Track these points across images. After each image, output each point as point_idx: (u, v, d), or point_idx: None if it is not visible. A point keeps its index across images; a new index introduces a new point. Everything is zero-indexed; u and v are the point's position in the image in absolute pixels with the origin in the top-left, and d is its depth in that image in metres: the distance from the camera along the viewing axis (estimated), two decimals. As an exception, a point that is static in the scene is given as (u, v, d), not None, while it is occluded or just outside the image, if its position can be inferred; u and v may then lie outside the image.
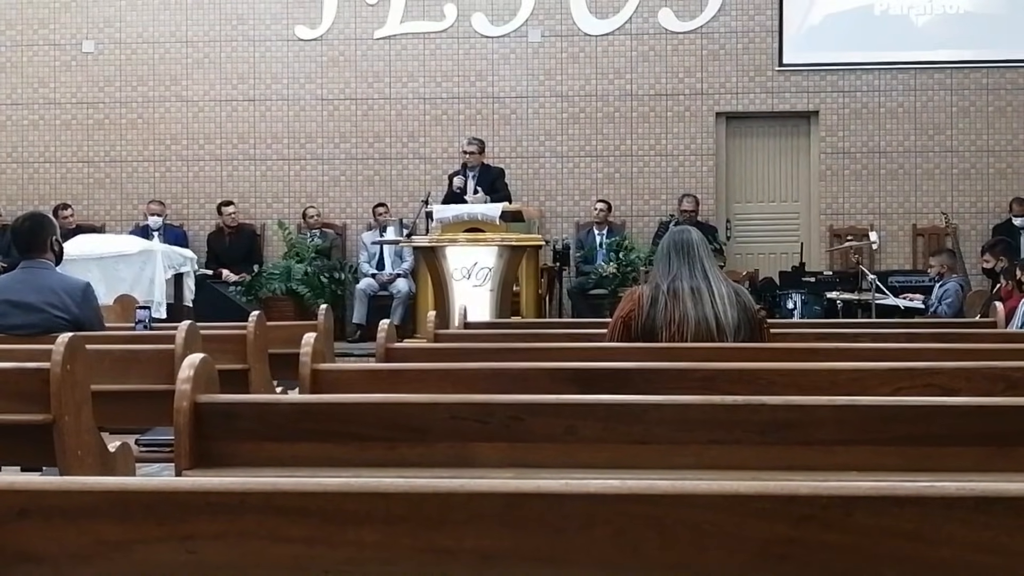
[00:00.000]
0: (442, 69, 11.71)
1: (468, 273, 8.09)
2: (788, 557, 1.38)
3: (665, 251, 3.99)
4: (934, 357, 3.41)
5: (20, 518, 1.44)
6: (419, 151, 11.70)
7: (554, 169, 11.65)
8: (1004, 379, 2.93)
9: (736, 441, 2.26)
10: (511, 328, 5.86)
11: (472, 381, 2.99)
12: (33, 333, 4.54)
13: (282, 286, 10.75)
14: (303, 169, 11.82)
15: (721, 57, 11.54)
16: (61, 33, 11.92)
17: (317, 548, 1.43)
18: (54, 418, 3.03)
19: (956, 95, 11.45)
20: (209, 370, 2.32)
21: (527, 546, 1.41)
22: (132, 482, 1.51)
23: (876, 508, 1.37)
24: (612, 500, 1.41)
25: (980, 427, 2.24)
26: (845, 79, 11.51)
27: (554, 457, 2.27)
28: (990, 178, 11.44)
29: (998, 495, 1.36)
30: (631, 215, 11.58)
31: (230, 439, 2.27)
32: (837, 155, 11.54)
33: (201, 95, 11.84)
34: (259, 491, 1.44)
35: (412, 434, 2.30)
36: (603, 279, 10.65)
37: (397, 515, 1.42)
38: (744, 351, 3.66)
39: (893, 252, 11.48)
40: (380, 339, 3.82)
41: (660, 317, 3.85)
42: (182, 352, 3.83)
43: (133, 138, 11.90)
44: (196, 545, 1.44)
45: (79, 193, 11.89)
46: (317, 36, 11.76)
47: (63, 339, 3.03)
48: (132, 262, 9.57)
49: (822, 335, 4.75)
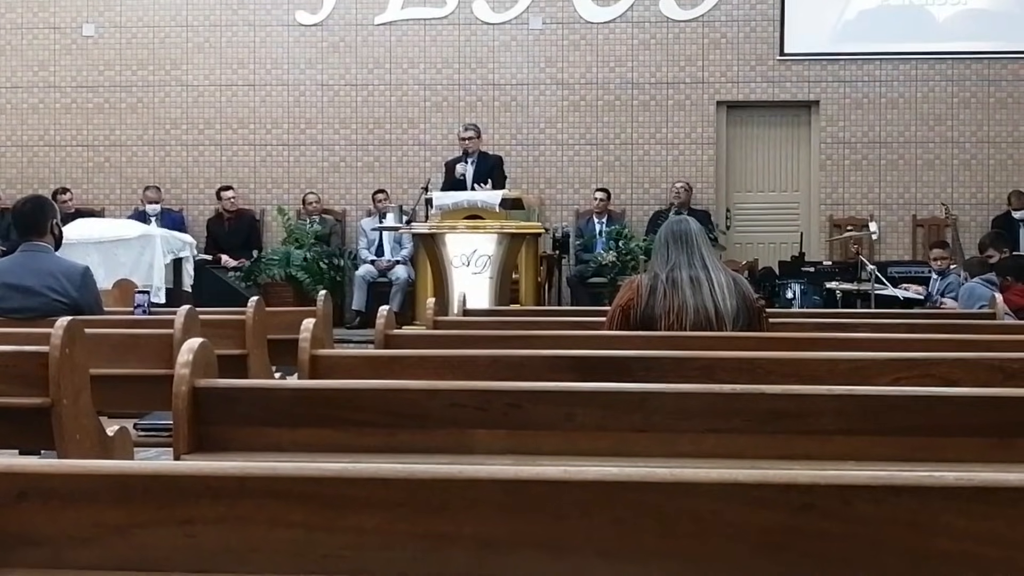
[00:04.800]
0: (443, 56, 11.68)
1: (467, 260, 8.08)
2: (787, 545, 1.38)
3: (664, 240, 3.98)
4: (933, 347, 3.42)
5: (19, 501, 1.45)
6: (419, 137, 11.68)
7: (554, 157, 11.64)
8: (1002, 370, 2.93)
9: (735, 430, 2.26)
10: (510, 316, 5.85)
11: (471, 368, 2.99)
12: (32, 316, 4.54)
13: (281, 272, 10.74)
14: (303, 155, 11.81)
15: (722, 46, 11.52)
16: (61, 16, 11.89)
17: (316, 533, 1.43)
18: (52, 402, 3.02)
19: (957, 86, 11.44)
20: (208, 355, 2.32)
21: (526, 533, 1.41)
22: (131, 466, 1.51)
23: (874, 497, 1.37)
24: (611, 488, 1.41)
25: (979, 417, 2.25)
26: (846, 69, 11.49)
27: (553, 444, 2.27)
28: (990, 169, 11.44)
29: (996, 485, 1.36)
30: (631, 203, 11.57)
31: (229, 424, 2.27)
32: (837, 145, 11.53)
33: (201, 80, 11.82)
34: (258, 476, 1.45)
35: (411, 421, 2.30)
36: (602, 267, 10.64)
37: (396, 501, 1.42)
38: (743, 340, 3.66)
39: (893, 243, 11.49)
40: (379, 326, 3.81)
41: (659, 306, 3.85)
42: (181, 337, 3.82)
43: (133, 122, 11.88)
44: (195, 529, 1.44)
45: (79, 177, 11.88)
46: (318, 21, 11.73)
47: (62, 323, 3.03)
48: (131, 246, 9.57)
49: (821, 325, 4.75)
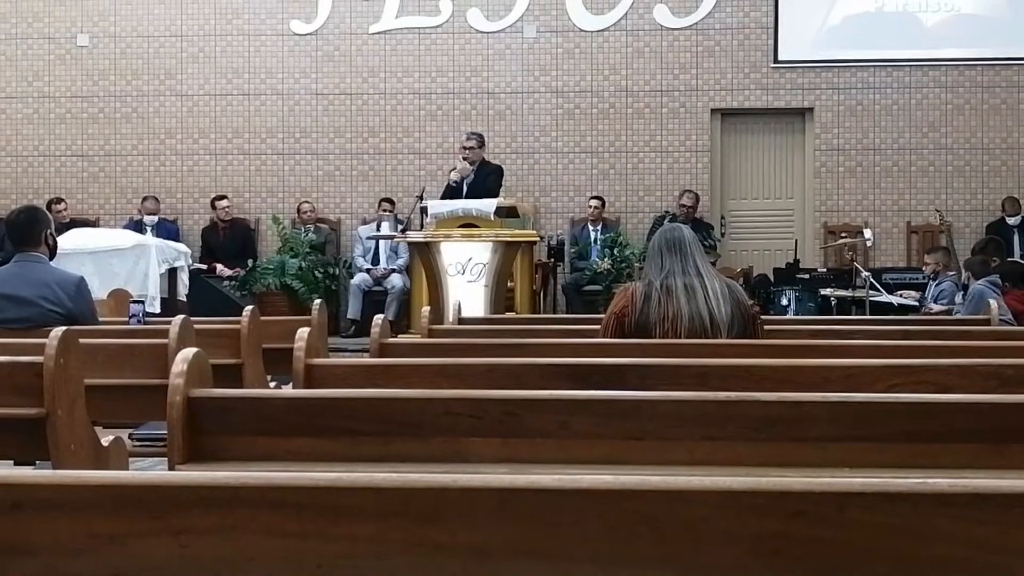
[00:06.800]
0: (437, 64, 11.70)
1: (462, 269, 8.08)
2: (781, 553, 1.38)
3: (657, 248, 3.99)
4: (928, 354, 3.42)
5: (13, 511, 1.44)
6: (414, 146, 11.69)
7: (549, 165, 11.65)
8: (997, 376, 2.94)
9: (729, 437, 2.26)
10: (505, 324, 5.85)
11: (466, 377, 2.99)
12: (27, 327, 4.54)
13: (276, 281, 10.73)
14: (297, 164, 11.81)
15: (716, 53, 11.54)
16: (55, 27, 11.89)
17: (310, 542, 1.43)
18: (47, 412, 3.02)
19: (951, 92, 11.46)
20: (202, 365, 2.31)
21: (520, 541, 1.41)
22: (125, 476, 1.51)
23: (869, 504, 1.37)
24: (606, 496, 1.41)
25: (973, 424, 2.25)
26: (840, 76, 11.52)
27: (548, 453, 2.27)
28: (984, 176, 11.46)
29: (991, 492, 1.36)
30: (626, 211, 11.58)
31: (224, 434, 2.27)
32: (832, 152, 11.55)
33: (196, 89, 11.83)
34: (252, 485, 1.44)
35: (406, 429, 2.29)
36: (597, 275, 10.65)
37: (390, 510, 1.42)
38: (738, 347, 3.66)
39: (887, 249, 11.50)
40: (374, 334, 3.81)
41: (653, 313, 3.85)
42: (175, 346, 3.82)
43: (127, 132, 11.88)
44: (189, 539, 1.44)
45: (73, 187, 11.87)
46: (312, 31, 11.74)
47: (57, 333, 3.03)
48: (126, 256, 9.55)
49: (816, 332, 4.75)
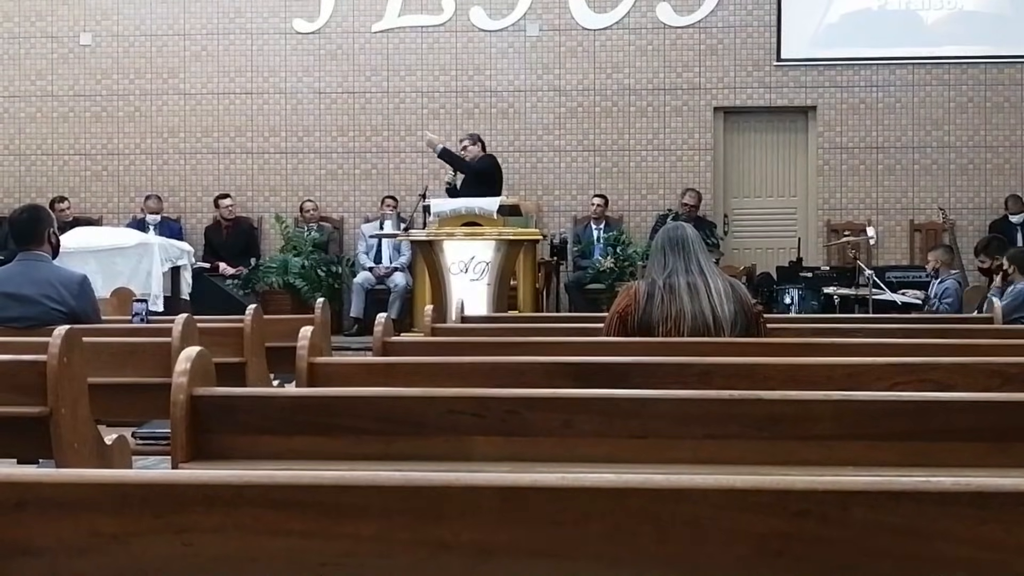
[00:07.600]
0: (440, 63, 11.69)
1: (465, 267, 8.08)
2: (784, 552, 1.38)
3: (660, 246, 3.98)
4: (931, 352, 3.42)
5: (17, 510, 1.44)
6: (417, 145, 11.66)
7: (552, 163, 11.64)
8: (1000, 375, 2.93)
9: (733, 436, 2.26)
10: (508, 322, 5.84)
11: (469, 375, 2.99)
12: (30, 325, 4.54)
13: (279, 279, 10.74)
14: (300, 163, 11.81)
15: (719, 52, 11.53)
16: (58, 25, 11.90)
17: (313, 541, 1.43)
18: (51, 411, 3.02)
19: (954, 91, 11.45)
20: (206, 363, 2.32)
21: (524, 540, 1.41)
22: (129, 475, 1.51)
23: (872, 503, 1.37)
24: (609, 494, 1.41)
25: (976, 422, 2.25)
26: (843, 74, 11.51)
27: (551, 451, 2.27)
28: (987, 174, 11.44)
29: (994, 490, 1.36)
30: (628, 210, 11.57)
31: (227, 432, 2.27)
32: (835, 150, 11.54)
33: (199, 88, 11.83)
34: (255, 484, 1.44)
35: (409, 428, 2.30)
36: (600, 274, 10.65)
37: (393, 508, 1.42)
38: (741, 346, 3.66)
39: (890, 248, 11.49)
40: (377, 333, 3.82)
41: (656, 312, 3.85)
42: (179, 345, 3.83)
43: (130, 131, 11.88)
44: (192, 538, 1.44)
45: (76, 186, 11.88)
46: (315, 29, 11.74)
47: (60, 331, 3.03)
48: (129, 255, 9.56)
49: (819, 330, 4.74)
